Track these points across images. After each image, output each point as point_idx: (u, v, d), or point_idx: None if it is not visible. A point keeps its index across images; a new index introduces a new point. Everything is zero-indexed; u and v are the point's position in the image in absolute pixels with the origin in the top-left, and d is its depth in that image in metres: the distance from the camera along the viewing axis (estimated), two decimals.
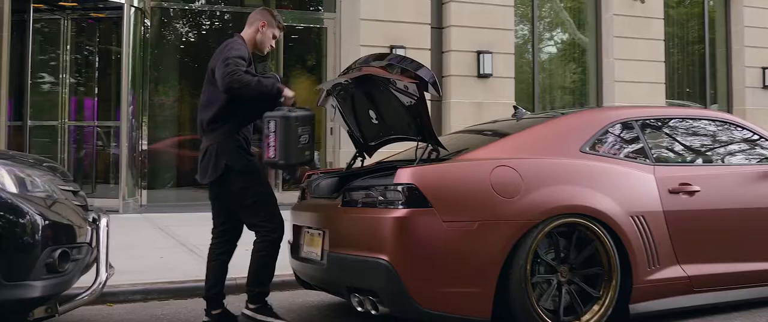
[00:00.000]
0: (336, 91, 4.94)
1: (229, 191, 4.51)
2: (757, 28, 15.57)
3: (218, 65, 4.40)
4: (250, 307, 4.51)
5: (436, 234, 4.00)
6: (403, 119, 4.54)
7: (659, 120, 5.16)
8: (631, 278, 4.40)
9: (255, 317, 4.48)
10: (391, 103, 4.50)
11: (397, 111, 4.50)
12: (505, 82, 12.66)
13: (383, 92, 4.46)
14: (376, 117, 4.85)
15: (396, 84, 4.26)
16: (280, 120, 4.32)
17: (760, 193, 5.04)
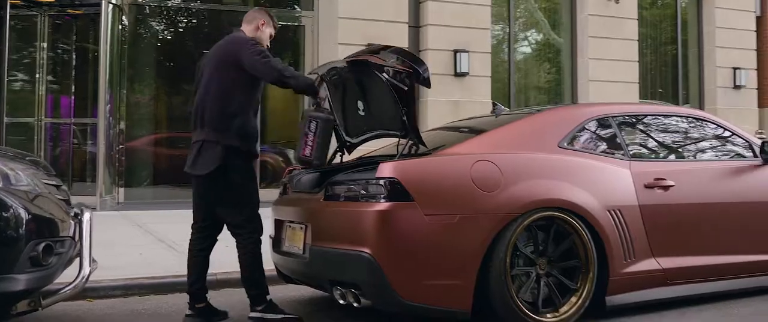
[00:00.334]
0: (330, 76, 5.00)
1: (220, 186, 4.51)
2: (728, 29, 15.82)
3: (253, 58, 4.45)
4: (257, 309, 4.54)
5: (417, 227, 4.06)
6: (389, 112, 4.60)
7: (635, 116, 5.27)
8: (608, 271, 4.49)
9: (265, 318, 4.51)
10: (380, 94, 4.57)
11: (385, 103, 4.56)
12: (481, 80, 12.77)
13: (376, 81, 4.51)
14: (364, 108, 4.91)
15: (390, 73, 4.32)
16: (322, 122, 4.49)
17: (733, 188, 5.17)
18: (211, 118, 4.52)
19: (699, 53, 15.98)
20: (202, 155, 4.52)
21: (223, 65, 4.57)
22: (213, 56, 4.68)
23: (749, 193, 5.21)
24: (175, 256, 6.68)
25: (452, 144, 4.68)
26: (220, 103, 4.52)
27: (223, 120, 4.50)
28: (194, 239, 4.75)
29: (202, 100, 4.60)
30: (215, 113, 4.52)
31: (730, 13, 15.87)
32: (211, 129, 4.52)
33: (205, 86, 4.62)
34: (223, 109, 4.51)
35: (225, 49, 4.63)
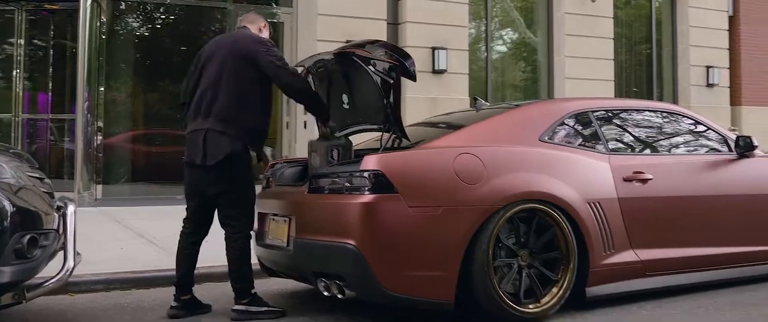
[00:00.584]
0: (316, 68, 5.04)
1: (225, 177, 4.52)
2: (701, 28, 16.01)
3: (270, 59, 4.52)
4: (242, 302, 4.57)
5: (401, 219, 4.10)
6: (374, 105, 4.64)
7: (614, 111, 5.35)
8: (588, 263, 4.56)
9: (249, 310, 4.54)
10: (366, 87, 4.61)
11: (370, 96, 4.61)
12: (459, 78, 12.83)
13: (362, 74, 4.55)
14: (348, 102, 4.95)
15: (376, 65, 4.37)
16: (344, 149, 4.67)
17: (709, 181, 5.27)
18: (221, 109, 4.51)
19: (673, 52, 16.16)
20: (208, 145, 4.49)
21: (236, 60, 4.56)
22: (222, 49, 4.67)
23: (724, 186, 5.31)
24: (155, 251, 6.68)
25: (435, 137, 4.73)
26: (233, 97, 4.52)
27: (235, 113, 4.51)
28: (186, 232, 4.78)
29: (210, 90, 4.57)
30: (225, 105, 4.51)
31: (703, 13, 16.06)
32: (219, 120, 4.50)
33: (214, 78, 4.58)
34: (237, 103, 4.52)
35: (239, 45, 4.64)
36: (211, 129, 4.50)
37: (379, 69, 4.41)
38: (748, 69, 17.00)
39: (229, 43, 4.72)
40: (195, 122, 4.61)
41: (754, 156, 5.54)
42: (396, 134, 4.53)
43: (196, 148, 4.56)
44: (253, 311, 4.57)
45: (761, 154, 5.64)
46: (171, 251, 6.45)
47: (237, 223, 4.57)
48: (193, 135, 4.61)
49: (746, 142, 5.45)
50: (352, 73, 4.77)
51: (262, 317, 4.56)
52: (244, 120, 4.54)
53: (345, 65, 4.77)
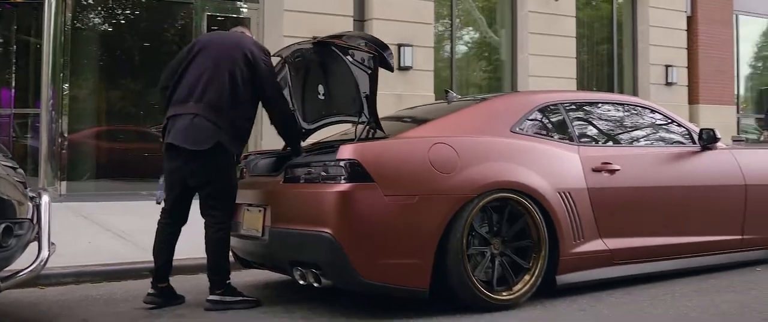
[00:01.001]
0: (293, 58, 5.06)
1: (210, 166, 4.52)
2: (660, 27, 16.31)
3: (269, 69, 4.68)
4: (217, 292, 4.58)
5: (377, 208, 4.15)
6: (350, 96, 4.68)
7: (582, 103, 5.45)
8: (558, 251, 4.65)
9: (223, 300, 4.56)
10: (343, 77, 4.65)
11: (347, 86, 4.64)
12: (424, 75, 12.91)
13: (339, 64, 4.59)
14: (324, 92, 4.98)
15: (354, 55, 4.41)
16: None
17: (674, 173, 5.40)
18: (213, 98, 4.50)
19: (633, 51, 16.43)
20: (197, 130, 4.46)
21: (235, 56, 4.58)
22: (222, 42, 4.72)
23: (689, 177, 5.45)
24: (124, 244, 6.65)
25: (409, 128, 4.80)
26: (227, 91, 4.53)
27: (226, 107, 4.51)
28: (164, 223, 4.76)
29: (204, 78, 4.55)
30: (218, 96, 4.51)
31: (662, 13, 16.36)
32: (211, 108, 4.49)
33: (210, 67, 4.57)
34: (229, 97, 4.52)
35: (242, 43, 4.68)
36: (202, 115, 4.48)
37: (357, 59, 4.46)
38: (705, 68, 17.35)
39: (230, 39, 4.76)
40: (183, 106, 4.55)
41: (717, 148, 5.69)
42: (371, 125, 4.57)
43: (181, 131, 4.50)
44: (228, 301, 4.58)
45: (723, 147, 5.79)
46: (139, 244, 6.47)
47: (218, 214, 4.58)
48: (178, 118, 4.54)
49: (709, 135, 5.59)
50: (329, 63, 4.81)
51: (237, 307, 4.58)
52: (234, 116, 4.55)
53: (323, 55, 4.80)
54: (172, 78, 4.70)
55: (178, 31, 12.46)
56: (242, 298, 4.63)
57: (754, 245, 5.78)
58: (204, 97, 4.52)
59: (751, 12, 19.05)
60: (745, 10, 18.78)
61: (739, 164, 5.73)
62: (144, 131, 12.02)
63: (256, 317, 4.41)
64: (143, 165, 11.66)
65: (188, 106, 4.53)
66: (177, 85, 4.65)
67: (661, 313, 4.28)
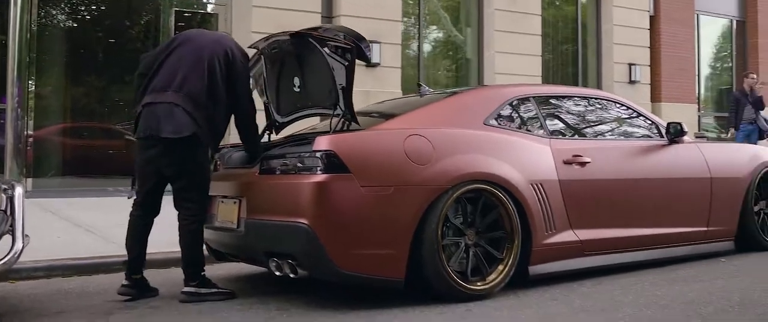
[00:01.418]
0: (270, 49, 5.07)
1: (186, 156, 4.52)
2: (624, 26, 16.54)
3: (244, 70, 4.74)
4: (192, 284, 4.59)
5: (354, 199, 4.18)
6: (326, 88, 4.70)
7: (553, 97, 5.54)
8: (531, 242, 4.72)
9: (199, 292, 4.56)
10: (319, 70, 4.66)
11: (323, 79, 4.66)
12: (392, 71, 12.96)
13: (316, 56, 4.61)
14: (300, 84, 4.99)
15: (332, 47, 4.43)
16: None
17: (642, 165, 5.50)
18: (192, 90, 4.51)
19: (597, 49, 16.64)
20: (175, 118, 4.45)
21: (217, 53, 4.60)
22: (204, 38, 4.74)
23: (657, 170, 5.56)
24: (94, 239, 6.59)
25: (383, 120, 4.83)
26: (206, 85, 4.54)
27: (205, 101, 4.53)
28: (136, 215, 4.73)
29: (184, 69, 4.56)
30: (198, 89, 4.52)
31: (626, 12, 16.59)
32: (190, 99, 4.49)
33: (191, 60, 4.58)
34: (208, 92, 4.54)
35: (224, 41, 4.75)
36: (181, 105, 4.47)
37: (334, 51, 4.48)
38: (668, 67, 17.64)
39: (213, 36, 4.81)
40: (161, 95, 4.53)
41: (683, 142, 5.82)
42: (346, 118, 4.60)
43: (158, 119, 4.48)
44: (203, 293, 4.58)
45: (689, 141, 5.92)
46: (110, 238, 6.43)
47: (192, 206, 4.58)
48: (155, 107, 4.52)
49: (676, 129, 5.71)
50: (306, 55, 4.82)
51: (212, 299, 4.58)
52: (212, 111, 4.56)
53: (300, 47, 4.82)
54: (151, 66, 4.67)
55: (145, 27, 12.37)
56: (217, 290, 4.64)
57: (718, 237, 5.92)
58: (183, 87, 4.51)
59: (712, 12, 19.40)
60: (706, 10, 19.12)
61: (705, 158, 5.86)
62: (110, 128, 11.91)
63: (231, 308, 4.41)
64: (109, 162, 11.57)
65: (167, 95, 4.51)
66: (155, 74, 4.63)
67: (632, 301, 4.36)
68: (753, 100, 12.38)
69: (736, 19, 20.08)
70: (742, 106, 12.44)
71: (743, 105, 12.43)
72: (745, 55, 20.04)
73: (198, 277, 4.60)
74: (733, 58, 20.16)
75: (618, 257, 5.24)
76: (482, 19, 14.64)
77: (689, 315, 4.01)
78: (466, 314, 4.13)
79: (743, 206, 6.02)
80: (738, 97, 12.70)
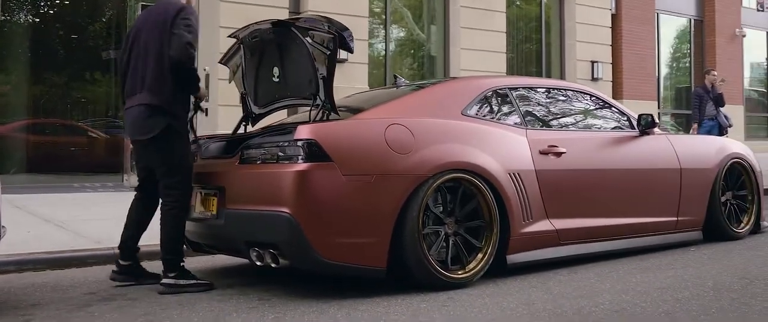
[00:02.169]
0: (250, 39, 5.04)
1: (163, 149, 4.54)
2: (587, 24, 16.76)
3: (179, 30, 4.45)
4: (170, 275, 4.57)
5: (336, 187, 4.18)
6: (306, 78, 4.69)
7: (529, 88, 5.59)
8: (509, 231, 4.77)
9: (177, 283, 4.54)
10: (300, 60, 4.66)
11: (303, 68, 4.66)
12: (359, 67, 12.97)
13: (298, 45, 4.60)
14: (279, 75, 4.98)
15: (314, 37, 4.42)
16: None
17: (616, 156, 5.59)
18: (151, 82, 4.51)
19: (560, 47, 16.84)
20: (143, 119, 4.52)
21: (161, 34, 4.53)
22: (149, 23, 4.64)
23: (629, 161, 5.65)
24: (65, 234, 6.49)
25: (363, 110, 4.83)
26: (159, 64, 4.51)
27: (164, 83, 4.49)
28: (137, 197, 4.85)
29: (141, 64, 4.57)
30: (155, 76, 4.50)
31: (588, 10, 16.81)
32: (151, 92, 4.50)
33: (142, 51, 4.59)
34: (161, 70, 4.50)
35: (162, 9, 4.61)
36: (144, 103, 4.52)
37: (317, 40, 4.48)
38: (629, 65, 17.92)
39: (157, 14, 4.67)
40: (132, 98, 4.63)
41: (654, 133, 5.92)
42: (326, 108, 4.60)
43: (130, 123, 4.63)
44: (182, 284, 4.56)
45: (659, 133, 6.03)
46: (81, 233, 6.35)
47: (175, 193, 4.57)
48: (128, 111, 4.66)
49: (647, 121, 5.81)
50: (287, 44, 4.81)
51: (191, 290, 4.55)
52: (172, 91, 4.53)
53: (281, 37, 4.80)
54: (124, 69, 4.76)
55: (109, 22, 12.22)
56: (196, 281, 4.61)
57: (688, 227, 6.03)
58: (145, 84, 4.55)
59: (671, 11, 19.75)
60: (666, 9, 19.47)
61: (674, 149, 5.97)
62: (73, 124, 11.76)
63: (211, 299, 4.38)
64: (73, 158, 11.42)
65: (135, 97, 4.60)
66: (125, 77, 4.73)
67: (609, 288, 4.43)
68: (714, 96, 12.63)
69: (694, 18, 20.46)
70: (705, 103, 12.68)
71: (705, 101, 12.68)
72: (703, 54, 20.44)
73: (177, 267, 4.57)
74: (691, 56, 20.54)
75: (592, 246, 5.32)
76: (448, 15, 14.72)
77: (666, 300, 4.09)
78: (448, 302, 4.16)
79: (711, 196, 6.15)
80: (700, 94, 12.93)
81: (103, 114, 12.27)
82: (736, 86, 19.85)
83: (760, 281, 4.57)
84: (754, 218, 6.50)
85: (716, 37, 20.34)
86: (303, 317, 3.89)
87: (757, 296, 4.16)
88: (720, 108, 12.63)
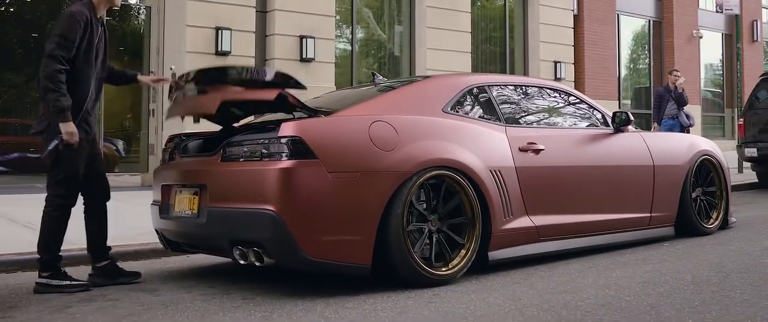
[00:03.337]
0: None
1: (45, 145, 4.58)
2: (550, 25, 16.93)
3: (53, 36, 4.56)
4: (44, 275, 4.59)
5: (321, 185, 4.16)
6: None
7: (507, 86, 5.62)
8: (490, 228, 4.78)
9: (50, 284, 4.56)
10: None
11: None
12: (326, 67, 12.95)
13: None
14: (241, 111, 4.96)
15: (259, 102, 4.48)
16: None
17: (592, 153, 5.65)
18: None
19: (524, 47, 16.98)
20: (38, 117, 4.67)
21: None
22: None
23: (605, 158, 5.72)
24: (34, 234, 6.32)
25: (344, 107, 4.80)
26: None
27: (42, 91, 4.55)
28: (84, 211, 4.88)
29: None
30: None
31: (551, 11, 16.99)
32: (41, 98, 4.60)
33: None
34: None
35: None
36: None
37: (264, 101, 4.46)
38: (591, 65, 18.16)
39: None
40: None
41: (628, 131, 5.99)
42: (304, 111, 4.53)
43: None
44: (54, 284, 4.59)
45: (632, 130, 6.11)
46: None
47: (50, 191, 4.65)
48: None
49: (622, 118, 5.88)
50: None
51: (65, 290, 4.55)
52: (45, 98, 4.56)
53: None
54: None
55: None
56: (70, 282, 4.62)
57: (660, 223, 6.12)
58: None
59: (631, 12, 20.05)
60: (626, 10, 19.75)
61: (647, 146, 6.05)
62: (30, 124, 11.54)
63: (194, 299, 4.33)
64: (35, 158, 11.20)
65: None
66: None
67: (592, 283, 4.47)
68: (676, 96, 12.84)
69: (652, 19, 20.79)
70: (665, 102, 12.88)
71: (666, 101, 12.88)
72: (661, 55, 20.77)
73: (53, 267, 4.60)
74: (650, 57, 20.87)
75: (570, 242, 5.37)
76: (414, 15, 14.75)
77: (649, 293, 4.14)
78: (434, 299, 4.16)
79: (682, 193, 6.24)
80: (662, 93, 13.14)
81: None
82: (693, 87, 20.20)
83: (736, 274, 4.65)
84: (722, 213, 6.62)
85: (674, 38, 20.69)
86: (290, 315, 3.85)
87: (735, 288, 4.23)
88: (682, 108, 12.84)
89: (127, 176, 11.59)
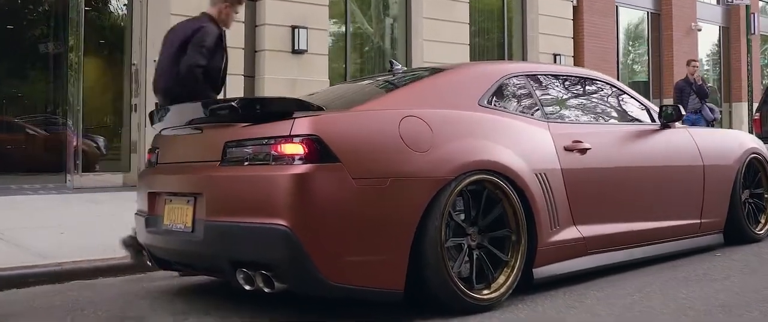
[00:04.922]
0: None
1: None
2: (549, 16, 16.28)
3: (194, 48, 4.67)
4: None
5: (344, 194, 3.41)
6: None
7: (545, 76, 4.89)
8: (536, 240, 4.07)
9: None
10: None
11: None
12: (319, 58, 12.21)
13: None
14: None
15: None
16: None
17: (640, 152, 4.96)
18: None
19: (523, 39, 16.32)
20: None
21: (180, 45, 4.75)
22: (179, 30, 4.89)
23: (654, 157, 5.02)
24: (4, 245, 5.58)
25: (364, 101, 4.06)
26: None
27: None
28: None
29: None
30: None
31: (550, 2, 16.33)
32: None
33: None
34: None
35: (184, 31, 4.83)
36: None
37: None
38: (590, 57, 17.51)
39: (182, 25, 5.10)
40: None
41: (675, 127, 5.31)
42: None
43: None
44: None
45: (679, 126, 5.42)
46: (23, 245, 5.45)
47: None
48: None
49: (670, 113, 5.19)
50: None
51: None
52: None
53: None
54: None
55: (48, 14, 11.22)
56: None
57: (710, 229, 5.43)
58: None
59: (630, 4, 19.43)
60: (625, 2, 19.14)
61: (696, 144, 5.37)
62: (9, 121, 10.79)
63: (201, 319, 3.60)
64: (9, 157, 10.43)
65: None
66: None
67: (661, 306, 3.77)
68: (696, 89, 12.09)
69: (651, 11, 20.19)
70: (687, 96, 12.08)
71: (687, 94, 12.09)
72: (660, 47, 20.18)
73: None
74: (649, 49, 20.28)
75: (619, 254, 4.65)
76: (410, 6, 14.06)
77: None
78: None
79: (732, 195, 5.56)
80: (682, 87, 12.32)
81: (43, 110, 11.25)
82: None
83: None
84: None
85: (673, 30, 20.10)
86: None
87: None
88: (705, 100, 12.10)
89: (108, 175, 10.79)
